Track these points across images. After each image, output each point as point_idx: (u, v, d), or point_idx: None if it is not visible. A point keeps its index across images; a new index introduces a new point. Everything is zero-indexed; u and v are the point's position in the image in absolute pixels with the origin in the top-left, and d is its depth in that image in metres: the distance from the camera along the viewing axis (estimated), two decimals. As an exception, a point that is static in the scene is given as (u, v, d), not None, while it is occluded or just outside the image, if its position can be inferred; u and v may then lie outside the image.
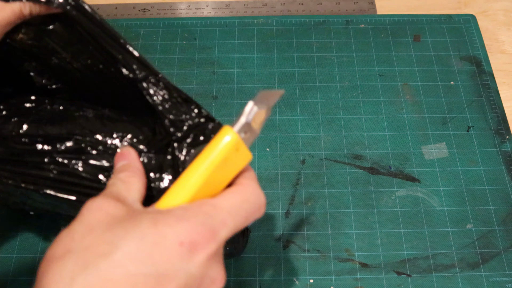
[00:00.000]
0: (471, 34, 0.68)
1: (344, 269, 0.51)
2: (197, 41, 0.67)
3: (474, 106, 0.62)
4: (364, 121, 0.60)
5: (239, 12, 0.71)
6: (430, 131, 0.60)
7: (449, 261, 0.51)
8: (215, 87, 0.63)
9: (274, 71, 0.65)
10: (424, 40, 0.67)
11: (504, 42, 0.68)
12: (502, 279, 0.50)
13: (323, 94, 0.63)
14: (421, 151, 0.58)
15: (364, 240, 0.52)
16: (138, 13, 0.71)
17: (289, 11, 0.71)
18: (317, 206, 0.54)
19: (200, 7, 0.72)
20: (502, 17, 0.71)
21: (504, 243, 0.52)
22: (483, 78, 0.64)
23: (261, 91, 0.32)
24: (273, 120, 0.60)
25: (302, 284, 0.50)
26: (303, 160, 0.57)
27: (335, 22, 0.69)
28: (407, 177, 0.56)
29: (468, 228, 0.53)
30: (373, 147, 0.58)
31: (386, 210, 0.54)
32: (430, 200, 0.55)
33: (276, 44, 0.67)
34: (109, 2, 0.72)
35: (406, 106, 0.62)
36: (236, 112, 0.61)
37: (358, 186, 0.56)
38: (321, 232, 0.53)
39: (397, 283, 0.50)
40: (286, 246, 0.52)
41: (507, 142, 0.59)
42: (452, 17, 0.70)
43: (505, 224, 0.53)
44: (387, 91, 0.63)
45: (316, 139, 0.59)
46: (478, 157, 0.58)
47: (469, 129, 0.60)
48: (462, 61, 0.66)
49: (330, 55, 0.66)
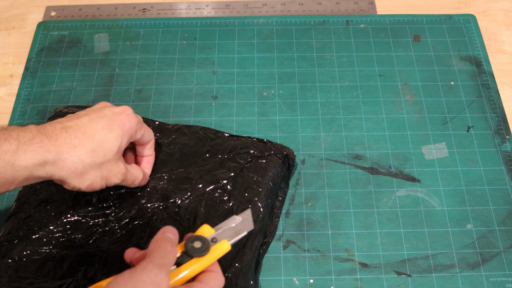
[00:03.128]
0: (471, 34, 0.68)
1: (344, 269, 0.51)
2: (197, 41, 0.67)
3: (474, 106, 0.62)
4: (364, 121, 0.60)
5: (239, 12, 0.71)
6: (430, 131, 0.60)
7: (449, 261, 0.51)
8: (215, 87, 0.63)
9: (274, 71, 0.65)
10: (424, 40, 0.67)
11: (504, 42, 0.68)
12: (502, 279, 0.50)
13: (323, 94, 0.63)
14: (421, 151, 0.58)
15: (364, 240, 0.52)
16: (138, 13, 0.71)
17: (289, 11, 0.71)
18: (317, 206, 0.54)
19: (200, 7, 0.72)
20: (502, 17, 0.71)
21: (504, 243, 0.52)
22: (483, 78, 0.64)
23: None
24: (273, 120, 0.60)
25: (302, 284, 0.50)
26: (303, 160, 0.57)
27: (335, 22, 0.69)
28: (407, 177, 0.56)
29: (468, 228, 0.53)
30: (373, 147, 0.58)
31: (386, 210, 0.54)
32: (430, 200, 0.55)
33: (276, 44, 0.67)
34: (109, 2, 0.72)
35: (406, 106, 0.62)
36: (236, 112, 0.61)
37: (358, 186, 0.56)
38: (321, 232, 0.53)
39: (397, 283, 0.50)
40: (286, 246, 0.52)
41: (507, 142, 0.59)
42: (452, 17, 0.70)
43: (505, 224, 0.53)
44: (387, 91, 0.63)
45: (316, 139, 0.59)
46: (478, 157, 0.58)
47: (469, 129, 0.60)
48: (462, 61, 0.66)
49: (330, 55, 0.66)
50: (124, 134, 0.45)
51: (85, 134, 0.42)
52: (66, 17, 0.71)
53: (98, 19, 0.70)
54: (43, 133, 0.40)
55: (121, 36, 0.68)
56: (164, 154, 0.54)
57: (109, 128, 0.44)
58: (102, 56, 0.66)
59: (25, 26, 0.70)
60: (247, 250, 0.48)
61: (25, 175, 0.39)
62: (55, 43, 0.67)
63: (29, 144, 0.39)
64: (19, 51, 0.67)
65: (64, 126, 0.42)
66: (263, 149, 0.54)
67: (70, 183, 0.42)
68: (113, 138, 0.44)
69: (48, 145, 0.40)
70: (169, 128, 0.57)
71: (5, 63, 0.66)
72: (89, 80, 0.64)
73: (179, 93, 0.63)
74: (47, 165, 0.39)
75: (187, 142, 0.55)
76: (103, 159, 0.43)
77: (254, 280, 0.48)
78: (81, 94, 0.63)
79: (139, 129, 0.47)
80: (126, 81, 0.64)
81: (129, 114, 0.46)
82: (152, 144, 0.51)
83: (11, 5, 0.72)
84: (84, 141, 0.42)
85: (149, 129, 0.50)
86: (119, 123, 0.45)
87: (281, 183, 0.54)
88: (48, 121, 0.57)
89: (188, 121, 0.60)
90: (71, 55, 0.66)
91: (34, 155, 0.39)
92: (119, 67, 0.65)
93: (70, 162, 0.41)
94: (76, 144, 0.41)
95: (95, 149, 0.42)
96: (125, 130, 0.45)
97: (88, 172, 0.42)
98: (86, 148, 0.42)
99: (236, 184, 0.52)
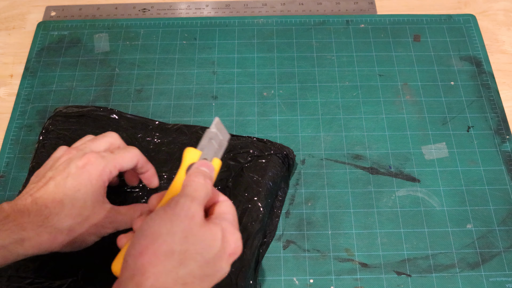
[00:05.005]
0: (471, 34, 0.68)
1: (344, 269, 0.51)
2: (197, 41, 0.67)
3: (474, 106, 0.62)
4: (364, 121, 0.60)
5: (239, 12, 0.71)
6: (430, 131, 0.60)
7: (449, 261, 0.51)
8: (215, 87, 0.63)
9: (274, 71, 0.65)
10: (424, 40, 0.67)
11: (504, 42, 0.68)
12: (502, 279, 0.50)
13: (323, 94, 0.63)
14: (421, 151, 0.58)
15: (364, 240, 0.52)
16: (138, 13, 0.71)
17: (289, 11, 0.71)
18: (317, 206, 0.54)
19: (200, 7, 0.72)
20: (502, 17, 0.71)
21: (504, 243, 0.52)
22: (483, 78, 0.64)
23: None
24: (273, 120, 0.60)
25: (302, 284, 0.50)
26: (303, 160, 0.57)
27: (335, 22, 0.69)
28: (407, 177, 0.56)
29: (468, 228, 0.53)
30: (373, 147, 0.58)
31: (386, 210, 0.54)
32: (430, 200, 0.55)
33: (276, 44, 0.67)
34: (109, 2, 0.72)
35: (406, 106, 0.62)
36: (236, 112, 0.61)
37: (358, 186, 0.56)
38: (321, 232, 0.53)
39: (397, 283, 0.50)
40: (286, 246, 0.52)
41: (507, 142, 0.59)
42: (452, 17, 0.70)
43: (505, 224, 0.53)
44: (387, 91, 0.63)
45: (316, 139, 0.59)
46: (478, 157, 0.58)
47: (469, 129, 0.60)
48: (462, 61, 0.66)
49: (330, 55, 0.66)
50: (93, 185, 0.42)
51: (54, 201, 0.41)
52: (66, 17, 0.71)
53: (98, 19, 0.70)
54: (16, 210, 0.40)
55: (121, 36, 0.68)
56: (164, 154, 0.54)
57: (74, 187, 0.41)
58: (102, 56, 0.66)
59: (25, 26, 0.70)
60: (246, 250, 0.48)
61: (3, 254, 0.38)
62: (55, 43, 0.67)
63: (3, 224, 0.39)
64: (19, 51, 0.67)
65: (34, 198, 0.41)
66: (263, 149, 0.54)
67: (60, 251, 0.41)
68: (82, 196, 0.41)
69: (22, 222, 0.39)
70: (169, 128, 0.57)
71: (5, 63, 0.66)
72: (89, 80, 0.64)
73: (179, 93, 0.63)
74: (25, 242, 0.39)
75: (187, 141, 0.55)
76: (80, 218, 0.41)
77: (254, 279, 0.48)
78: (81, 94, 0.63)
79: (113, 168, 0.43)
80: (126, 81, 0.64)
81: (93, 163, 0.42)
82: (142, 163, 0.46)
83: (11, 5, 0.72)
84: (55, 209, 0.40)
85: (129, 155, 0.45)
86: (85, 178, 0.42)
87: (281, 183, 0.54)
88: (48, 122, 0.57)
89: (188, 121, 0.60)
90: (71, 55, 0.66)
91: (10, 234, 0.38)
92: (119, 67, 0.65)
93: (47, 234, 0.40)
94: (47, 215, 0.40)
95: (68, 214, 0.41)
96: (93, 182, 0.42)
97: (70, 236, 0.41)
98: (59, 215, 0.40)
99: (236, 184, 0.52)
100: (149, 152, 0.55)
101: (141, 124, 0.57)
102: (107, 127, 0.56)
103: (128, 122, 0.57)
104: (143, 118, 0.58)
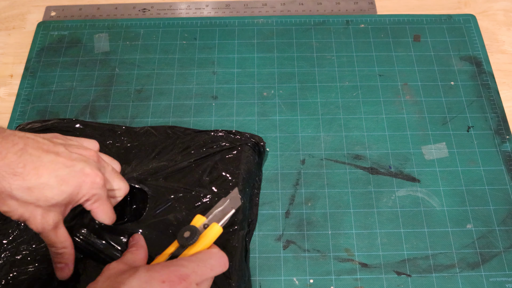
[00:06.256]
0: (471, 34, 0.68)
1: (344, 269, 0.51)
2: (197, 41, 0.67)
3: (474, 106, 0.62)
4: (364, 121, 0.60)
5: (239, 12, 0.71)
6: (430, 131, 0.60)
7: (449, 261, 0.51)
8: (215, 87, 0.63)
9: (274, 71, 0.65)
10: (424, 40, 0.67)
11: (504, 42, 0.68)
12: (502, 279, 0.50)
13: (323, 94, 0.63)
14: (421, 151, 0.58)
15: (364, 240, 0.52)
16: (138, 13, 0.71)
17: (289, 11, 0.71)
18: (317, 206, 0.54)
19: (200, 7, 0.72)
20: (502, 17, 0.71)
21: (504, 243, 0.52)
22: (483, 78, 0.64)
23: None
24: (273, 120, 0.60)
25: (302, 284, 0.50)
26: (303, 160, 0.57)
27: (335, 22, 0.69)
28: (407, 177, 0.56)
29: (468, 228, 0.53)
30: (373, 147, 0.58)
31: (386, 210, 0.54)
32: (430, 200, 0.55)
33: (276, 44, 0.67)
34: (109, 2, 0.72)
35: (406, 106, 0.62)
36: (236, 112, 0.61)
37: (358, 186, 0.56)
38: (321, 232, 0.53)
39: (397, 283, 0.50)
40: (286, 246, 0.52)
41: (507, 142, 0.59)
42: (452, 17, 0.70)
43: (505, 224, 0.53)
44: (387, 91, 0.63)
45: (316, 139, 0.59)
46: (478, 157, 0.58)
47: (469, 129, 0.60)
48: (462, 61, 0.66)
49: (330, 55, 0.66)
50: (72, 194, 0.40)
51: (35, 169, 0.38)
52: (66, 17, 0.71)
53: (98, 19, 0.70)
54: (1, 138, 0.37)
55: (121, 36, 0.68)
56: (134, 156, 0.55)
57: (63, 179, 0.39)
58: (102, 56, 0.66)
59: (25, 26, 0.70)
60: (235, 240, 0.49)
61: None
62: (55, 43, 0.67)
63: None
64: (19, 51, 0.67)
65: (25, 149, 0.38)
66: (233, 140, 0.55)
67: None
68: (58, 191, 0.39)
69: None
70: (137, 131, 0.57)
71: (5, 63, 0.66)
72: (89, 80, 0.64)
73: (179, 93, 0.63)
74: None
75: (157, 142, 0.56)
76: (34, 201, 0.38)
77: (247, 268, 0.50)
78: (81, 94, 0.63)
79: (89, 191, 0.41)
80: (126, 81, 0.64)
81: (95, 182, 0.41)
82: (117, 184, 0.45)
83: (11, 5, 0.72)
84: (27, 175, 0.37)
85: (121, 181, 0.45)
86: (77, 181, 0.40)
87: (256, 171, 0.55)
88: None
89: (188, 121, 0.60)
90: (71, 55, 0.66)
91: None
92: (119, 67, 0.65)
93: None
94: (17, 173, 0.37)
95: (31, 188, 0.38)
96: (73, 195, 0.40)
97: (13, 202, 0.38)
98: (24, 182, 0.37)
99: (212, 178, 0.52)
100: (120, 156, 0.54)
101: (109, 131, 0.57)
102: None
103: (95, 130, 0.57)
104: (109, 125, 0.58)
